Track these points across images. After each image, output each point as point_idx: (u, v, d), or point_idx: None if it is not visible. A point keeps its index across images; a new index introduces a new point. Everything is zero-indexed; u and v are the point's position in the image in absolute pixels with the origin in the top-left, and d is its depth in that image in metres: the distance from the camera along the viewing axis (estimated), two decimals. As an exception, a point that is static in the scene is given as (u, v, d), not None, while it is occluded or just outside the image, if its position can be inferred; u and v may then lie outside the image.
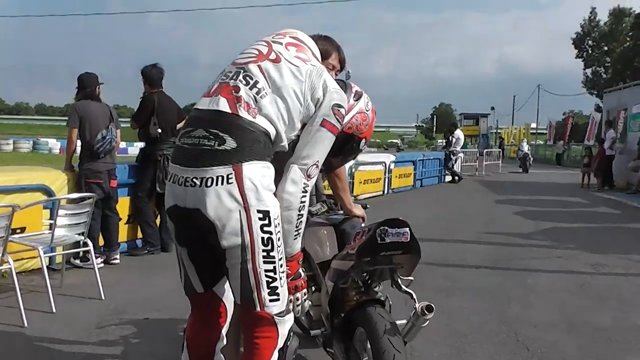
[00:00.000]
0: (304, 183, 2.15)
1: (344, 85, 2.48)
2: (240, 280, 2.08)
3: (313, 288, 2.98)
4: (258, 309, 2.10)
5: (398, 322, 2.48)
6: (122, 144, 26.48)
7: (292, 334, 2.33)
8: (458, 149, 18.12)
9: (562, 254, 6.90)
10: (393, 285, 2.61)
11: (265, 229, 2.04)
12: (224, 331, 2.39)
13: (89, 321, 4.15)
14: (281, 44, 2.26)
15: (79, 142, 5.82)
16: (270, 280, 2.09)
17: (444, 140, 20.18)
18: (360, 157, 14.01)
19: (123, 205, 6.32)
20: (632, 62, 40.20)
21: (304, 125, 2.21)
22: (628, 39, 43.88)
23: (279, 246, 2.10)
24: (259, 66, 2.14)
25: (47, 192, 5.41)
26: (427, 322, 2.42)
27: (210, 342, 2.35)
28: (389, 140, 67.45)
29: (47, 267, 4.66)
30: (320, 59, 2.39)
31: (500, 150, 30.65)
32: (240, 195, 1.99)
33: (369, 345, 2.40)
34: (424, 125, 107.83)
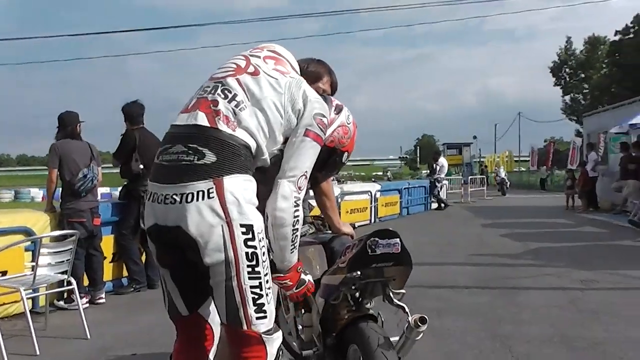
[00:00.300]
0: (295, 197, 2.11)
1: (324, 99, 2.45)
2: (226, 299, 2.00)
3: (303, 310, 2.94)
4: (245, 327, 2.02)
5: (391, 338, 2.43)
6: (106, 189, 26.70)
7: (281, 352, 2.27)
8: (442, 176, 18.21)
9: (552, 272, 6.88)
10: (385, 300, 2.54)
11: (249, 243, 1.98)
12: (211, 355, 2.31)
13: (74, 360, 4.04)
14: (259, 57, 2.24)
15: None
16: (256, 297, 2.02)
17: (428, 169, 20.29)
18: (346, 187, 14.08)
19: (107, 244, 6.24)
20: (609, 88, 41.08)
21: (286, 140, 2.18)
22: (604, 66, 44.92)
23: (264, 261, 2.04)
24: (237, 79, 2.11)
25: (29, 233, 5.32)
26: (421, 335, 2.35)
27: None
28: (375, 174, 67.84)
29: (31, 310, 4.58)
30: (299, 72, 2.38)
31: (484, 177, 30.92)
32: (222, 210, 1.93)
33: None
34: (407, 157, 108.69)
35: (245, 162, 2.02)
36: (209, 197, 1.92)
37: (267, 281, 2.06)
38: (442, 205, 17.91)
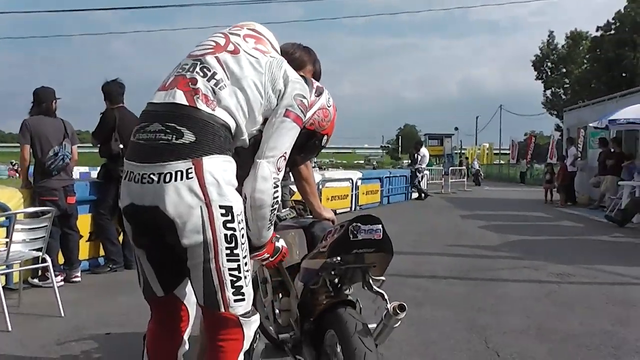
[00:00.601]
0: (274, 178, 2.08)
1: (305, 81, 2.40)
2: (203, 281, 1.97)
3: (281, 294, 2.92)
4: (222, 310, 2.00)
5: (369, 325, 2.41)
6: (85, 169, 26.38)
7: (258, 336, 2.25)
8: (424, 166, 18.28)
9: (529, 265, 6.94)
10: (364, 286, 2.53)
11: (228, 225, 1.95)
12: (185, 336, 2.28)
13: (47, 338, 3.97)
14: (239, 35, 2.18)
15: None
16: (234, 279, 1.99)
17: (410, 159, 20.35)
18: (328, 174, 14.06)
19: (84, 223, 6.15)
20: (589, 84, 41.43)
21: (265, 121, 2.14)
22: (585, 61, 45.25)
23: (242, 243, 2.02)
24: (216, 57, 2.06)
25: (3, 209, 5.22)
26: (399, 322, 2.35)
27: (171, 347, 2.24)
28: (356, 162, 68.03)
29: (4, 287, 4.49)
30: (279, 52, 2.33)
31: (465, 168, 31.12)
32: (201, 191, 1.89)
33: (339, 349, 2.33)
34: (389, 146, 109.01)
35: (225, 143, 1.98)
36: (187, 178, 1.88)
37: (245, 263, 2.04)
38: (423, 195, 18.00)
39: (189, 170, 1.88)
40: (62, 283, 5.44)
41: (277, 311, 2.94)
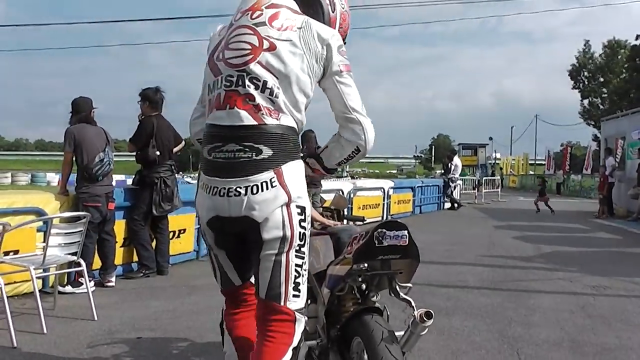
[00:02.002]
0: (371, 123, 2.22)
1: (321, 11, 2.35)
2: (272, 272, 2.09)
3: (309, 301, 2.92)
4: (282, 303, 2.11)
5: (396, 333, 2.39)
6: (121, 176, 26.87)
7: (303, 337, 2.26)
8: (456, 176, 18.11)
9: (564, 276, 6.80)
10: (391, 293, 2.52)
11: (302, 224, 2.12)
12: None
13: (80, 341, 4.05)
14: (265, 23, 2.12)
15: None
16: (297, 275, 2.13)
17: (443, 168, 20.15)
18: (359, 183, 14.05)
19: (119, 228, 6.26)
20: (628, 93, 40.57)
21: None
22: (624, 70, 44.34)
23: (307, 244, 2.16)
24: (259, 63, 2.07)
25: (40, 214, 5.34)
26: (426, 330, 2.32)
27: (251, 329, 2.33)
28: (389, 172, 67.80)
29: (40, 290, 4.60)
30: (298, 8, 2.24)
31: (500, 179, 30.72)
32: (285, 194, 2.06)
33: (366, 356, 2.31)
34: (422, 156, 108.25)
35: (295, 147, 2.13)
36: (272, 186, 2.04)
37: (305, 263, 2.17)
38: (455, 205, 17.82)
39: (272, 180, 2.04)
40: (94, 288, 5.54)
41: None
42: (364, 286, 2.61)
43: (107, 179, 5.82)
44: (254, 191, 2.02)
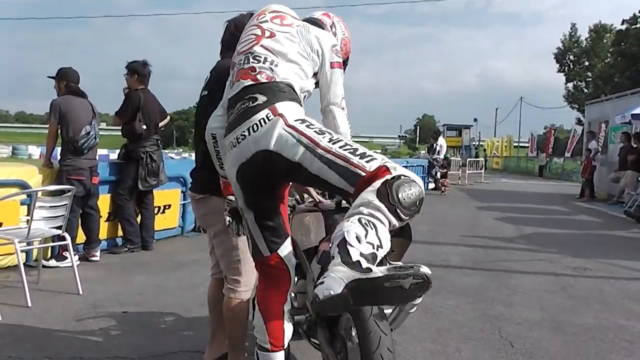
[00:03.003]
0: (346, 114, 2.54)
1: (321, 25, 2.71)
2: (332, 170, 2.09)
3: (297, 277, 2.94)
4: (363, 173, 2.02)
5: (385, 310, 2.42)
6: (104, 151, 26.65)
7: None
8: (441, 156, 18.17)
9: (545, 257, 6.91)
10: None
11: (311, 126, 2.21)
12: (288, 296, 2.52)
13: (65, 315, 4.05)
14: (267, 21, 2.53)
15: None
16: (351, 149, 2.11)
17: (427, 149, 20.20)
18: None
19: (103, 203, 6.23)
20: (612, 78, 40.84)
21: (314, 75, 2.50)
22: (609, 55, 44.57)
23: (327, 132, 2.21)
24: (261, 45, 2.42)
25: (24, 187, 5.29)
26: (415, 308, 2.37)
27: (279, 303, 2.47)
28: (374, 151, 67.65)
29: (24, 263, 4.57)
30: (299, 19, 2.65)
31: (483, 160, 30.92)
32: (281, 121, 2.20)
33: (354, 332, 2.34)
34: (407, 136, 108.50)
35: (291, 94, 2.33)
36: (268, 120, 2.22)
37: (349, 141, 2.22)
38: (440, 185, 17.89)
39: (268, 115, 2.23)
40: (78, 262, 5.52)
41: (292, 293, 2.97)
42: None
43: (92, 152, 5.78)
44: (255, 129, 2.21)
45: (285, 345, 2.47)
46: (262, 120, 2.22)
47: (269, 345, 2.43)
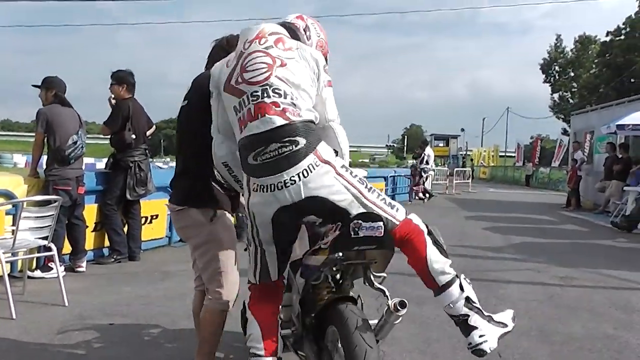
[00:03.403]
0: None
1: (295, 34, 2.71)
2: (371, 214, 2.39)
3: (284, 289, 2.93)
4: (397, 222, 2.45)
5: (370, 321, 2.42)
6: (91, 159, 26.48)
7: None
8: (429, 166, 18.23)
9: (532, 267, 6.94)
10: (365, 282, 2.55)
11: (353, 174, 2.44)
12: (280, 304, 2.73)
13: (50, 326, 4.00)
14: (273, 47, 2.54)
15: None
16: (384, 200, 2.47)
17: (414, 156, 20.26)
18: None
19: (90, 213, 6.18)
20: (597, 88, 41.27)
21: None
22: (594, 66, 45.07)
23: (364, 182, 2.47)
24: (277, 77, 2.44)
25: (10, 197, 5.24)
26: (400, 319, 2.37)
27: (275, 315, 2.64)
28: (361, 160, 68.14)
29: (9, 274, 4.51)
30: (291, 35, 2.68)
31: (471, 170, 31.10)
32: (329, 166, 2.37)
33: (340, 345, 2.34)
34: (394, 145, 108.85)
35: (318, 132, 2.48)
36: (317, 166, 2.34)
37: (373, 189, 2.50)
38: (427, 195, 17.95)
39: (316, 161, 2.35)
40: (64, 273, 5.46)
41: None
42: (338, 275, 2.63)
43: (78, 162, 5.74)
44: (306, 174, 2.31)
45: (279, 354, 2.58)
46: (310, 166, 2.33)
47: (264, 351, 2.52)
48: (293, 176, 2.31)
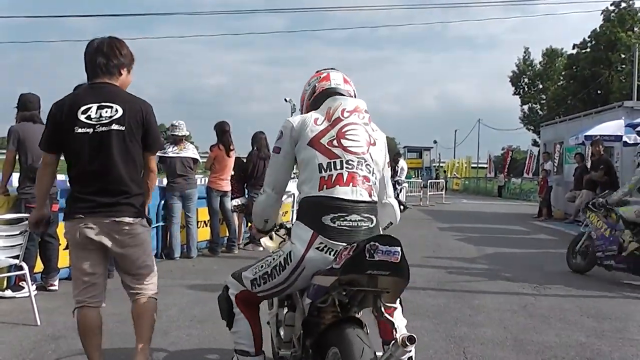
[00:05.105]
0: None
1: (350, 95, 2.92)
2: None
3: (287, 308, 2.89)
4: None
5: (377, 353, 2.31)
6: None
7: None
8: (402, 178, 18.38)
9: (506, 277, 7.03)
10: (374, 312, 2.40)
11: None
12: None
13: (22, 347, 3.94)
14: (368, 124, 2.77)
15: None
16: None
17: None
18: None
19: (62, 231, 6.06)
20: (565, 100, 42.13)
21: None
22: (561, 78, 46.02)
23: None
24: (370, 155, 2.66)
25: (-20, 215, 5.14)
26: (407, 354, 2.26)
27: (258, 309, 2.87)
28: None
29: (-21, 294, 4.42)
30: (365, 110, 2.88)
31: (444, 182, 31.38)
32: None
33: None
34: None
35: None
36: None
37: None
38: (401, 207, 18.05)
39: None
40: (36, 292, 5.37)
41: (280, 326, 2.98)
42: (347, 301, 2.48)
43: (51, 180, 5.64)
44: None
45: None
46: None
47: (254, 349, 2.73)
48: None
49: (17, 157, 5.50)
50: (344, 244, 2.34)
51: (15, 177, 5.83)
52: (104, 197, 3.13)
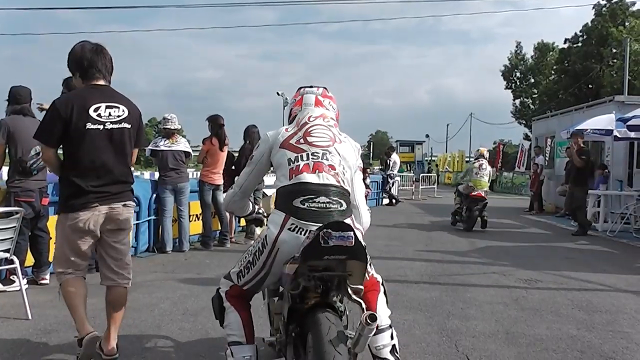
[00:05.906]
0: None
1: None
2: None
3: (276, 298, 2.96)
4: (368, 278, 2.79)
5: (349, 332, 2.43)
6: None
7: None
8: (395, 172, 18.41)
9: (498, 270, 7.06)
10: (343, 294, 2.56)
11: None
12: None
13: (14, 341, 3.92)
14: (333, 127, 3.03)
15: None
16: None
17: (381, 165, 20.45)
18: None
19: (54, 224, 6.03)
20: (556, 94, 42.22)
21: None
22: (553, 72, 46.11)
23: None
24: (335, 149, 2.89)
25: (-30, 209, 5.10)
26: (372, 332, 2.34)
27: (249, 303, 3.00)
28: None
29: (-31, 288, 4.39)
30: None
31: (436, 175, 31.44)
32: (358, 230, 2.77)
33: (311, 350, 2.32)
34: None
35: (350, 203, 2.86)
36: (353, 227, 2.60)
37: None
38: (394, 201, 18.12)
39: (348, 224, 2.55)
40: (27, 286, 5.34)
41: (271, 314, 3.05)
42: (322, 285, 2.58)
43: (41, 173, 5.61)
44: None
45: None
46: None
47: (245, 339, 2.82)
48: None
49: (6, 150, 5.46)
50: (315, 224, 2.50)
51: (5, 171, 5.78)
52: (114, 187, 3.50)
